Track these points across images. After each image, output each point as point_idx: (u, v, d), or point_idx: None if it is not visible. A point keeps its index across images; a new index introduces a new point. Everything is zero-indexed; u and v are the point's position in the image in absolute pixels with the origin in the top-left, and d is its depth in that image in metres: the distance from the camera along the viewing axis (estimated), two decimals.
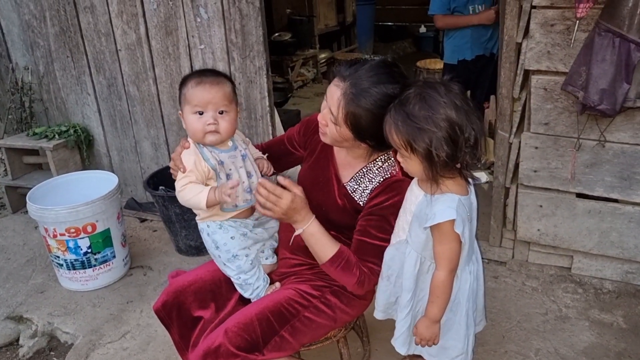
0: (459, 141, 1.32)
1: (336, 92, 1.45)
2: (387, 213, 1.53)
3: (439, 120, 1.31)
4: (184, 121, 1.59)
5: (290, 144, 1.82)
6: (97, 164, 3.48)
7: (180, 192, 1.56)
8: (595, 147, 2.24)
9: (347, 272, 1.52)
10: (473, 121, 1.34)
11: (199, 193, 1.54)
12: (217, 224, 1.64)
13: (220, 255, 1.66)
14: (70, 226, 2.49)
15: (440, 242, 1.42)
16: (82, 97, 3.33)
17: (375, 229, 1.53)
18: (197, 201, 1.54)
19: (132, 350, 2.24)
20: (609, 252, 2.38)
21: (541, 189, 2.42)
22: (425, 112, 1.31)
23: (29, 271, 2.86)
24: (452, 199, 1.39)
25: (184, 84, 1.58)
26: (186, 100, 1.55)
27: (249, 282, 1.67)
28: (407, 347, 1.62)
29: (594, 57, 2.00)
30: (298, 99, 5.82)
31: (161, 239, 3.11)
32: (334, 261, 1.52)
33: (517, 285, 2.50)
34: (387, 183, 1.54)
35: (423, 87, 1.36)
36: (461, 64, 3.51)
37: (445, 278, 1.44)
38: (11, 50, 3.40)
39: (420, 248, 1.48)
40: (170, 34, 2.89)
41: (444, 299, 1.47)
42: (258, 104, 2.84)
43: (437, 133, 1.30)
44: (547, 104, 2.26)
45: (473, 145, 1.34)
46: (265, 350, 1.53)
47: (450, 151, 1.31)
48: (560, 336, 2.17)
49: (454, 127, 1.31)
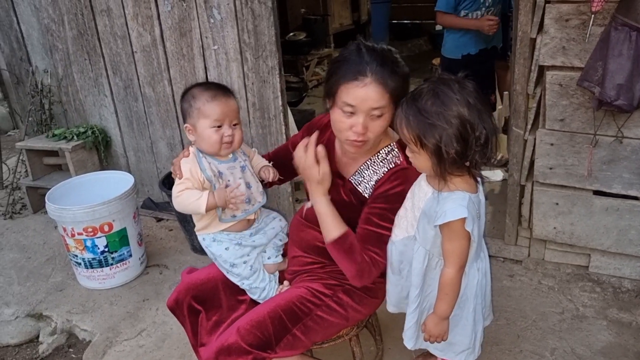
0: (469, 139, 1.31)
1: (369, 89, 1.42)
2: (392, 201, 1.52)
3: (451, 117, 1.30)
4: (195, 134, 1.62)
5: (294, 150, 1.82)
6: (115, 165, 3.53)
7: (177, 198, 1.59)
8: (612, 144, 2.20)
9: (349, 257, 1.52)
10: (485, 120, 1.33)
11: (197, 199, 1.57)
12: (210, 237, 1.68)
13: (220, 264, 1.70)
14: (87, 225, 2.54)
15: (450, 240, 1.41)
16: (99, 99, 3.39)
17: (378, 217, 1.52)
18: (196, 206, 1.57)
19: (148, 347, 2.28)
20: (627, 250, 2.34)
21: (557, 187, 2.38)
22: (437, 108, 1.31)
23: (49, 270, 2.92)
24: (463, 197, 1.38)
25: (193, 97, 1.60)
26: (202, 114, 1.58)
27: (253, 286, 1.70)
28: (415, 342, 1.62)
29: (610, 52, 1.96)
30: (313, 99, 5.82)
31: (177, 238, 3.14)
32: (337, 243, 1.53)
33: (533, 284, 2.47)
34: (392, 172, 1.54)
35: (437, 82, 1.35)
36: (465, 59, 3.50)
37: (454, 275, 1.44)
38: (31, 54, 3.47)
39: (428, 244, 1.48)
40: (184, 36, 2.92)
41: (452, 296, 1.46)
42: (271, 103, 2.85)
43: (448, 130, 1.30)
44: (562, 100, 2.23)
45: (484, 144, 1.33)
46: (277, 348, 1.54)
47: (460, 149, 1.31)
48: (577, 336, 2.14)
49: (465, 125, 1.30)
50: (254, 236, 1.72)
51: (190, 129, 1.62)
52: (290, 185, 3.04)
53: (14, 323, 2.55)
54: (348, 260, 1.52)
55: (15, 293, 2.74)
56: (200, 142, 1.61)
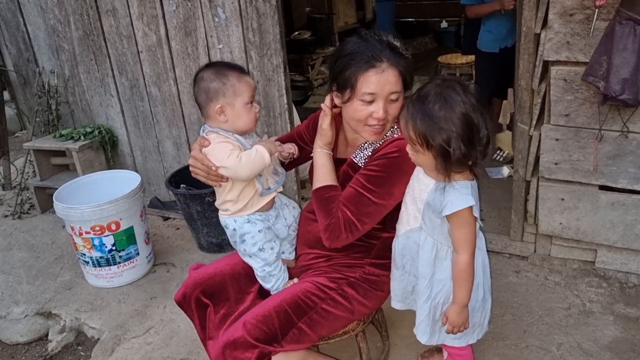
0: (474, 140, 1.36)
1: (389, 74, 1.48)
2: (384, 166, 1.53)
3: (457, 119, 1.34)
4: (228, 113, 1.59)
5: (300, 140, 1.84)
6: (122, 164, 3.56)
7: (240, 162, 1.55)
8: (618, 138, 2.19)
9: (327, 206, 1.56)
10: (487, 120, 1.38)
11: (256, 152, 1.58)
12: (244, 219, 1.67)
13: (245, 249, 1.69)
14: (95, 224, 2.56)
15: (459, 227, 1.45)
16: (105, 99, 3.41)
17: (365, 178, 1.54)
18: (260, 159, 1.58)
19: (156, 344, 2.29)
20: (633, 245, 2.33)
21: (563, 182, 2.38)
22: (445, 113, 1.35)
23: (57, 269, 2.95)
24: (466, 185, 1.44)
25: (225, 76, 1.58)
26: (238, 91, 1.58)
27: (272, 273, 1.70)
28: (429, 336, 1.63)
29: (615, 46, 1.95)
30: (319, 97, 5.83)
31: (184, 236, 3.16)
32: (319, 191, 1.60)
33: (539, 280, 2.47)
34: (387, 142, 1.56)
35: (442, 85, 1.39)
36: (502, 52, 3.55)
37: (469, 261, 1.48)
38: (38, 54, 3.50)
39: (436, 233, 1.52)
40: (189, 35, 2.94)
41: (470, 281, 1.51)
42: (276, 101, 2.86)
43: (455, 132, 1.34)
44: (567, 95, 2.22)
45: (486, 144, 1.39)
46: (283, 342, 1.56)
47: (466, 149, 1.35)
48: (584, 331, 2.14)
49: (471, 127, 1.35)
50: (276, 224, 1.75)
51: (223, 109, 1.59)
52: (296, 184, 3.05)
53: (24, 321, 2.58)
54: (324, 210, 1.57)
55: (24, 292, 2.77)
56: (235, 120, 1.60)
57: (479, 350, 2.01)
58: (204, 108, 1.63)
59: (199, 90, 1.61)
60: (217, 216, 1.74)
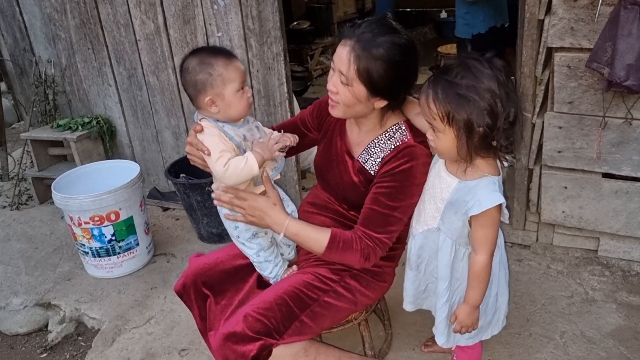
0: (499, 115, 1.27)
1: (344, 52, 1.43)
2: (399, 179, 1.49)
3: (483, 90, 1.26)
4: (219, 104, 1.51)
5: (303, 126, 1.80)
6: (120, 155, 3.53)
7: (226, 171, 1.48)
8: (621, 126, 2.17)
9: (348, 251, 1.50)
10: (513, 99, 1.30)
11: (245, 162, 1.48)
12: None
13: (239, 235, 1.65)
14: (94, 214, 2.54)
15: (482, 227, 1.39)
16: (103, 89, 3.38)
17: (386, 196, 1.49)
18: (248, 170, 1.48)
19: (157, 335, 2.28)
20: (636, 233, 2.32)
21: (566, 170, 2.36)
22: (469, 81, 1.27)
23: (57, 259, 2.93)
24: (493, 181, 1.35)
25: (210, 65, 1.48)
26: (227, 80, 1.49)
27: (269, 259, 1.67)
28: (446, 338, 1.60)
29: (620, 32, 1.93)
30: (318, 88, 5.80)
31: (183, 227, 3.14)
32: (330, 248, 1.51)
33: (542, 269, 2.46)
34: (399, 149, 1.51)
35: (466, 57, 1.32)
36: (476, 38, 3.67)
37: (487, 262, 1.42)
38: (34, 44, 3.46)
39: (455, 235, 1.46)
40: (187, 23, 2.90)
41: (485, 283, 1.45)
42: (276, 90, 2.83)
43: (480, 103, 1.26)
44: (571, 82, 2.20)
45: (512, 123, 1.29)
46: (285, 335, 1.53)
47: (491, 122, 1.27)
48: (587, 319, 2.13)
49: (496, 100, 1.27)
50: None
51: (213, 100, 1.51)
52: (296, 174, 3.03)
53: (23, 312, 2.56)
54: (349, 254, 1.51)
55: (23, 283, 2.75)
56: (227, 110, 1.52)
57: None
58: (193, 100, 1.55)
59: (186, 82, 1.53)
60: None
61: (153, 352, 2.18)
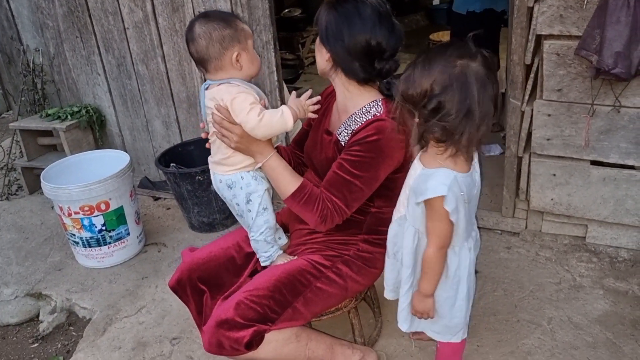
0: (431, 101, 1.27)
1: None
2: (367, 150, 1.49)
3: (439, 72, 1.26)
4: (244, 59, 1.52)
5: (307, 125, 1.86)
6: (110, 144, 3.51)
7: (260, 121, 1.47)
8: (610, 113, 2.18)
9: (309, 206, 1.54)
10: (468, 95, 1.26)
11: (281, 114, 1.50)
12: (250, 175, 1.60)
13: (250, 209, 1.61)
14: (84, 204, 2.53)
15: (430, 218, 1.40)
16: (92, 78, 3.35)
17: (349, 163, 1.51)
18: (282, 123, 1.50)
19: (148, 324, 2.29)
20: (624, 220, 2.34)
21: (554, 157, 2.37)
22: (424, 66, 1.29)
23: (47, 249, 2.92)
24: (447, 174, 1.34)
25: (233, 21, 1.51)
26: (247, 35, 1.54)
27: (268, 239, 1.66)
28: (409, 324, 1.61)
29: (608, 19, 1.93)
30: (309, 76, 5.78)
31: (174, 216, 3.14)
32: (294, 197, 1.55)
33: (531, 256, 2.48)
34: (369, 121, 1.51)
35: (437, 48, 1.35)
36: (469, 15, 3.61)
37: (434, 254, 1.43)
38: (22, 32, 3.42)
39: (417, 223, 1.46)
40: (176, 11, 2.87)
41: (433, 274, 1.46)
42: (266, 79, 2.82)
43: (434, 80, 1.26)
44: (560, 69, 2.20)
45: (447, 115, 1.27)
46: (278, 321, 1.55)
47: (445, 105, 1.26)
48: (574, 305, 2.15)
49: (462, 86, 1.25)
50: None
51: (240, 56, 1.51)
52: None
53: (14, 302, 2.56)
54: (309, 210, 1.54)
55: (14, 273, 2.74)
56: (250, 65, 1.55)
57: (470, 325, 2.01)
58: (216, 60, 1.51)
59: (210, 42, 1.48)
60: (208, 195, 1.70)
61: (144, 341, 2.19)
